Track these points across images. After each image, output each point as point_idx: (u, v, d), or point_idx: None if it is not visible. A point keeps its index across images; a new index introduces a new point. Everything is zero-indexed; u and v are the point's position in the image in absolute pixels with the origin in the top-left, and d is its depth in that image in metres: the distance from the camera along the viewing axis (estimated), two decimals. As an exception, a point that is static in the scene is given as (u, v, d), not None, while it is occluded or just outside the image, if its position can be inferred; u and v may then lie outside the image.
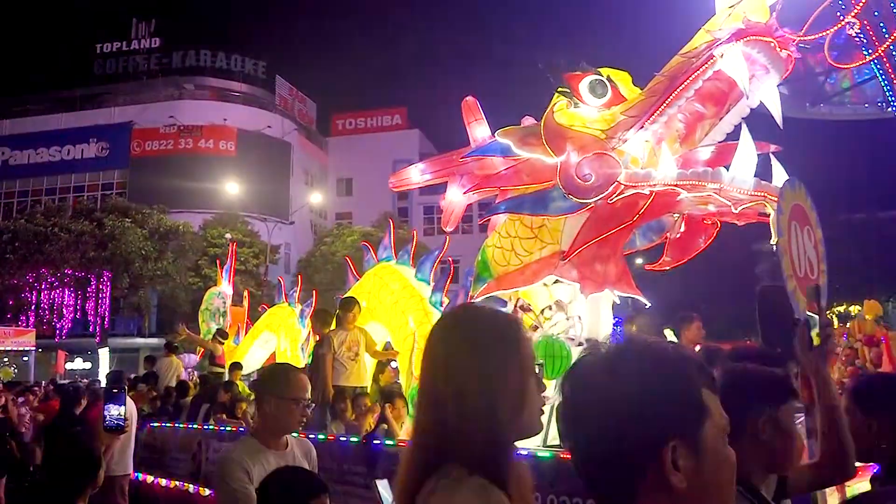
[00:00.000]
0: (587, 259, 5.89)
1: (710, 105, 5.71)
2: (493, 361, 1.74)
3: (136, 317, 42.81)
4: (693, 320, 7.55)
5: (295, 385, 3.53)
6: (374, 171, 56.56)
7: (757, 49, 5.14)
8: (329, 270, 40.34)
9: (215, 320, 15.73)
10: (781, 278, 3.63)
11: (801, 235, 3.81)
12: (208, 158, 49.91)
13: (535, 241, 6.14)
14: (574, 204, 5.63)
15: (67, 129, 51.69)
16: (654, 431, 1.30)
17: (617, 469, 1.34)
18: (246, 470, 3.32)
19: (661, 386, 1.32)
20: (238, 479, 3.30)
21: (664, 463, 1.29)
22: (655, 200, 5.47)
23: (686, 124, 5.81)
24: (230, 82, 55.73)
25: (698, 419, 1.32)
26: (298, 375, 3.63)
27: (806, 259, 3.81)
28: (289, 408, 3.46)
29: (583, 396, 1.40)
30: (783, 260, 3.61)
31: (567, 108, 5.91)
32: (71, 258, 38.31)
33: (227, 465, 3.40)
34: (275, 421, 3.50)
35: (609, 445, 1.33)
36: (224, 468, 3.40)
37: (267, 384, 3.62)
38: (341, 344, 8.45)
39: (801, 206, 3.88)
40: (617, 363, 1.38)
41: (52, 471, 3.75)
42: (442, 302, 8.59)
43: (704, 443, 1.32)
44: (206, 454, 10.25)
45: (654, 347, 1.41)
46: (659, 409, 1.30)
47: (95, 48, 56.03)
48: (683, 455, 1.30)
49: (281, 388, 3.48)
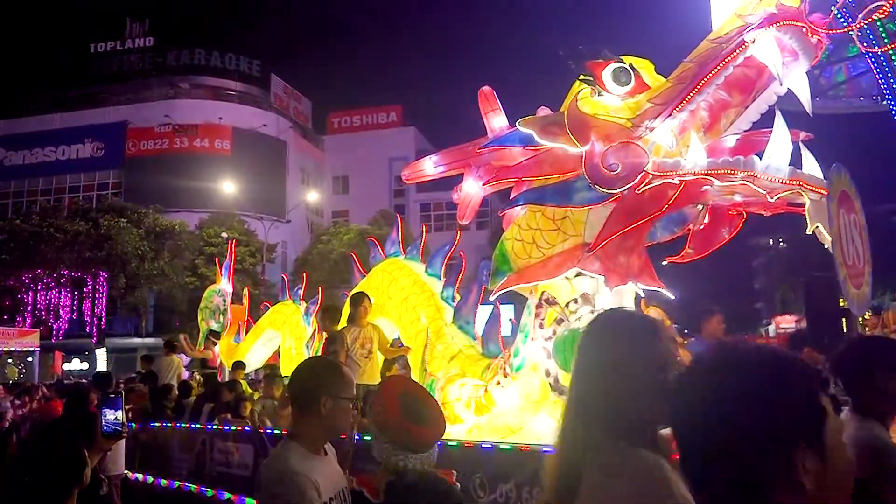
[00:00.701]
0: (611, 251, 5.75)
1: (736, 93, 5.56)
2: (647, 353, 2.15)
3: (133, 317, 42.64)
4: (714, 314, 7.46)
5: (350, 383, 3.26)
6: (371, 169, 56.68)
7: (789, 34, 5.00)
8: (326, 269, 40.30)
9: (215, 318, 15.54)
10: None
11: (849, 223, 3.70)
12: (204, 157, 49.81)
13: (557, 233, 6.00)
14: (600, 194, 5.48)
15: (62, 130, 51.60)
16: (784, 435, 1.34)
17: (744, 470, 1.36)
18: (315, 485, 2.92)
19: (788, 390, 1.37)
20: (311, 500, 2.88)
21: (795, 465, 1.33)
22: (683, 190, 5.34)
23: (710, 113, 5.67)
24: (225, 81, 55.61)
25: (821, 421, 1.37)
26: (349, 372, 3.37)
27: (853, 247, 3.69)
28: (346, 408, 3.19)
29: (707, 400, 1.41)
30: (834, 249, 3.49)
31: (591, 97, 5.78)
32: (67, 258, 38.21)
33: (293, 479, 2.90)
34: (330, 423, 3.14)
35: (737, 448, 1.36)
36: (290, 485, 2.89)
37: (320, 383, 3.18)
38: (354, 341, 8.27)
39: (847, 192, 3.76)
40: (740, 367, 1.42)
41: (39, 473, 3.58)
42: (453, 297, 8.44)
43: (826, 444, 1.36)
44: (211, 454, 10.13)
45: (771, 352, 1.46)
46: (788, 412, 1.35)
47: (90, 48, 55.90)
48: (810, 456, 1.34)
49: (337, 387, 3.16)
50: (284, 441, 3.16)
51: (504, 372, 6.41)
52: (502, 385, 6.40)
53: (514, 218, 6.71)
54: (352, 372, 7.85)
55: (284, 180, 53.69)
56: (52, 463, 3.55)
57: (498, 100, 6.69)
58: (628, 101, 5.70)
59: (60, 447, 3.62)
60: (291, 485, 2.88)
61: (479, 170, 6.63)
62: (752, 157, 5.06)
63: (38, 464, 3.57)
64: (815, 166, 5.21)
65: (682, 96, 5.23)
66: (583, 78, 5.86)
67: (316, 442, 3.15)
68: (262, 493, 3.02)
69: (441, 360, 7.71)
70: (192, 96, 53.95)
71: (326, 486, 2.97)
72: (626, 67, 5.76)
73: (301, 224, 54.36)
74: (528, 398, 6.30)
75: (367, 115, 61.71)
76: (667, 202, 5.36)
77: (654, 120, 5.35)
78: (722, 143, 5.70)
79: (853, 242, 3.65)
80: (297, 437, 3.14)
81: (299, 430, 3.17)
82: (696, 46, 5.46)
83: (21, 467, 3.62)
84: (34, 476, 3.55)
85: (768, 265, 49.82)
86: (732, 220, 6.15)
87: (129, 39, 55.84)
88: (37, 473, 3.56)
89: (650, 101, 5.50)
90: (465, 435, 6.79)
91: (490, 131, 6.60)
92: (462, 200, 6.81)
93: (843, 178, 3.77)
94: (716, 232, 6.24)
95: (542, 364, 6.00)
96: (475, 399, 6.66)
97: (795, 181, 4.96)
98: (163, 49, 55.10)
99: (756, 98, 5.61)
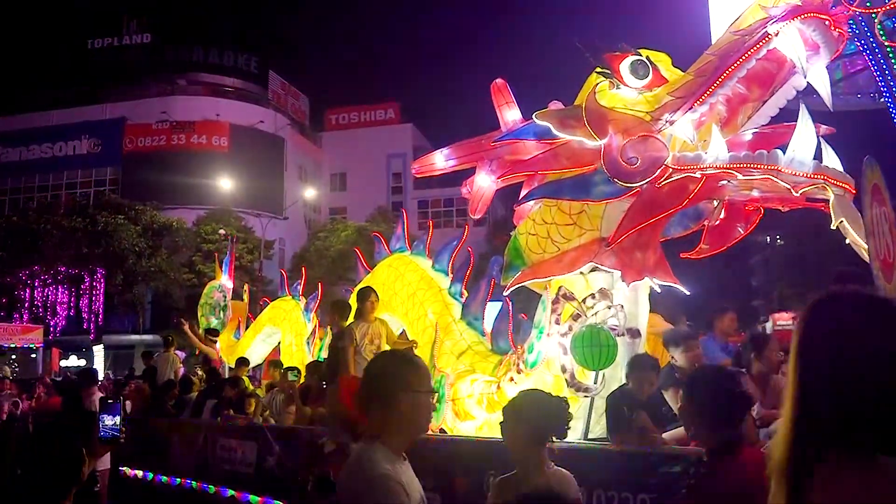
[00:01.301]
0: (627, 246, 5.70)
1: (756, 87, 5.51)
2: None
3: (130, 314, 42.44)
4: (727, 311, 7.41)
5: (427, 375, 2.94)
6: (368, 166, 56.61)
7: (812, 27, 4.94)
8: (324, 266, 40.23)
9: (215, 314, 15.47)
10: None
11: (880, 216, 3.63)
12: (201, 154, 49.64)
13: (573, 227, 5.94)
14: (619, 188, 5.42)
15: (60, 126, 51.36)
16: None
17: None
18: (407, 492, 2.65)
19: None
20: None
21: None
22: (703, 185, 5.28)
23: (728, 108, 5.61)
24: (222, 78, 55.40)
25: None
26: (423, 363, 3.04)
27: (884, 240, 3.63)
28: (425, 403, 2.87)
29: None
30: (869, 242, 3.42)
31: (608, 90, 5.71)
32: (64, 255, 38.03)
33: (385, 483, 2.60)
34: (411, 420, 2.81)
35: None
36: (382, 490, 2.59)
37: (397, 379, 2.84)
38: (363, 336, 8.16)
39: (879, 185, 3.70)
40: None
41: (39, 473, 3.53)
42: (461, 293, 8.37)
43: None
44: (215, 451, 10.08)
45: None
46: None
47: (88, 44, 55.67)
48: None
49: (415, 381, 2.83)
50: (366, 443, 2.80)
51: (517, 368, 6.35)
52: (515, 381, 6.33)
53: (526, 212, 6.65)
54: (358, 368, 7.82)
55: (282, 177, 53.51)
56: (51, 463, 3.50)
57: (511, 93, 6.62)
58: (646, 94, 5.64)
59: (59, 447, 3.57)
60: (383, 490, 2.58)
61: (492, 163, 6.56)
62: (775, 151, 5.00)
63: (38, 463, 3.53)
64: (836, 160, 5.16)
65: (704, 89, 5.17)
66: (599, 71, 5.80)
67: (399, 443, 2.81)
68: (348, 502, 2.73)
69: (450, 356, 7.65)
70: (189, 93, 53.74)
71: (413, 493, 2.70)
72: (644, 60, 5.71)
73: (299, 221, 54.26)
74: (541, 394, 6.23)
75: (364, 111, 61.56)
76: (687, 196, 5.30)
77: (674, 113, 5.29)
78: (740, 138, 5.65)
79: (884, 236, 3.59)
80: (380, 438, 2.79)
81: (380, 432, 2.80)
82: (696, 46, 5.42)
83: (21, 466, 3.58)
84: (34, 475, 3.50)
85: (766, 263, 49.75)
86: (749, 216, 6.10)
87: (127, 36, 55.61)
88: (36, 473, 3.51)
89: (670, 94, 5.44)
90: (477, 432, 6.74)
91: (503, 125, 6.54)
92: (474, 194, 6.74)
93: (875, 171, 3.70)
94: (731, 227, 6.19)
95: (557, 360, 5.94)
96: (487, 395, 6.60)
97: (820, 175, 4.90)
98: (161, 46, 54.80)
99: (774, 93, 5.56)
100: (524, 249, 6.33)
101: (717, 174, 5.16)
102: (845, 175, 4.96)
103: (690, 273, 8.70)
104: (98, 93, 53.04)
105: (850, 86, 22.76)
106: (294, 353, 12.11)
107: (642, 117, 5.46)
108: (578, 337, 5.58)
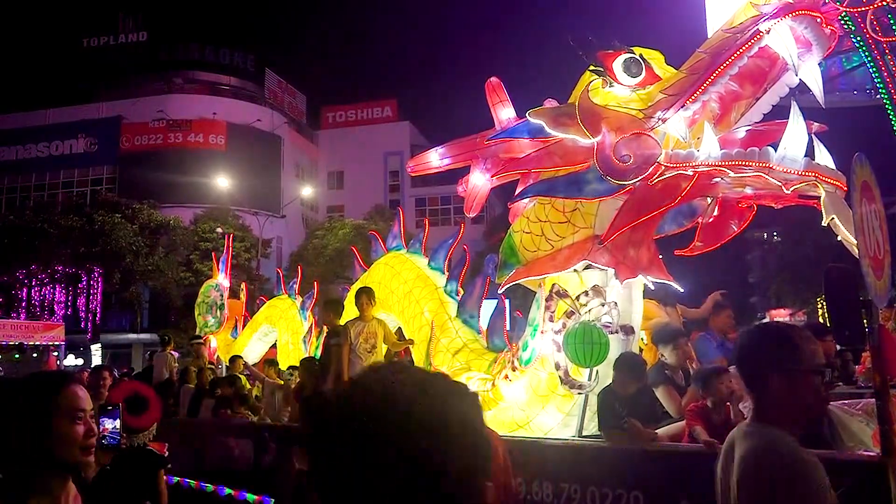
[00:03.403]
0: (620, 244, 5.71)
1: (748, 85, 5.52)
2: None
3: (127, 312, 42.41)
4: (724, 308, 7.43)
5: (817, 350, 2.53)
6: (365, 164, 56.58)
7: (804, 25, 4.95)
8: (321, 264, 40.21)
9: (212, 313, 15.46)
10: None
11: (870, 213, 3.65)
12: (198, 153, 49.58)
13: (567, 225, 5.95)
14: (612, 186, 5.44)
15: (56, 125, 51.22)
16: None
17: None
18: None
19: None
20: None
21: None
22: (696, 182, 5.29)
23: (721, 105, 5.63)
24: (219, 76, 55.34)
25: None
26: (801, 337, 2.56)
27: (874, 238, 3.65)
28: (808, 383, 2.47)
29: None
30: (859, 239, 3.43)
31: (601, 88, 5.72)
32: (61, 254, 37.97)
33: (807, 469, 2.30)
34: (795, 402, 2.45)
35: None
36: (804, 478, 2.28)
37: (769, 359, 2.47)
38: (358, 335, 8.18)
39: (868, 183, 3.72)
40: None
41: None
42: (457, 291, 8.39)
43: None
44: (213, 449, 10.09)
45: None
46: None
47: (83, 43, 55.58)
48: None
49: (792, 358, 2.45)
50: (761, 426, 2.47)
51: (512, 366, 6.37)
52: (510, 379, 6.36)
53: (520, 210, 6.66)
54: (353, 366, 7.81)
55: (279, 175, 53.46)
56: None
57: (505, 91, 6.63)
58: (639, 91, 5.65)
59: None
60: (811, 475, 2.30)
61: (487, 162, 6.58)
62: (767, 149, 5.02)
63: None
64: (828, 158, 5.17)
65: (696, 87, 5.18)
66: (593, 68, 5.81)
67: (795, 429, 2.45)
68: (764, 483, 2.30)
69: (445, 353, 7.67)
70: (186, 91, 53.70)
71: None
72: (637, 58, 5.71)
73: (296, 219, 54.20)
74: (536, 392, 6.27)
75: (361, 109, 61.54)
76: (679, 194, 5.32)
77: (666, 111, 5.31)
78: (733, 136, 5.67)
79: (874, 233, 3.60)
80: (775, 423, 2.45)
81: (767, 416, 2.47)
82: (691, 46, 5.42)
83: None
84: None
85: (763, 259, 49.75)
86: (742, 213, 6.11)
87: (123, 34, 55.52)
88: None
89: (663, 91, 5.46)
90: (472, 429, 6.73)
91: (497, 123, 6.55)
92: (469, 193, 6.75)
93: (865, 168, 3.72)
94: (725, 225, 6.20)
95: (551, 357, 5.96)
96: (482, 393, 6.61)
97: (811, 172, 4.92)
98: (157, 44, 54.73)
99: (767, 90, 5.58)
100: (518, 247, 6.34)
101: (709, 171, 5.18)
102: (836, 172, 4.98)
103: (688, 270, 8.71)
104: (94, 91, 53.03)
105: (846, 82, 22.78)
106: (291, 351, 12.13)
107: (635, 115, 5.47)
108: (571, 334, 5.60)
